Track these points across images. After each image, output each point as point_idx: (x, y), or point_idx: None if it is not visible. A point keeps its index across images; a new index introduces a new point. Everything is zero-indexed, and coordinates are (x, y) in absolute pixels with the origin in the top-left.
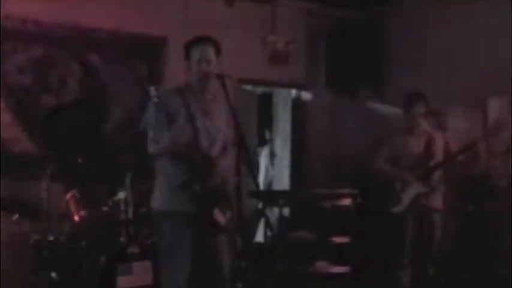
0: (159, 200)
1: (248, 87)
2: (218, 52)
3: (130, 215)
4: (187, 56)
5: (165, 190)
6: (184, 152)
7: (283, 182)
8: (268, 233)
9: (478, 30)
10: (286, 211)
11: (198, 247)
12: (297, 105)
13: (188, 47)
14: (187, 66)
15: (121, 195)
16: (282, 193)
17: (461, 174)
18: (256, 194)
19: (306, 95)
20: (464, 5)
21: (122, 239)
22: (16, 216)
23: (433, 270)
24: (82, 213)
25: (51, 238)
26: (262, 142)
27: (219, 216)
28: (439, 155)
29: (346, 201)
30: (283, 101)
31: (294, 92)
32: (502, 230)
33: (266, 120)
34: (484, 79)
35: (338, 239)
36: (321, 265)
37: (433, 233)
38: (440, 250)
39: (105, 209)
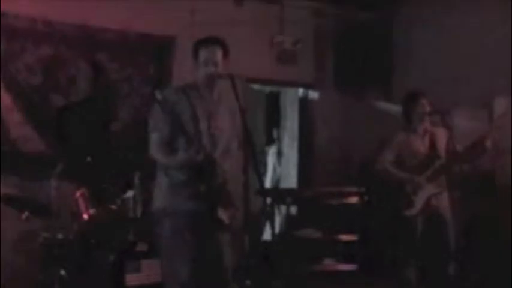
0: (160, 198)
1: (256, 87)
2: (226, 53)
3: (138, 213)
4: (195, 56)
5: (166, 188)
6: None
7: (290, 180)
8: (275, 231)
9: (483, 29)
10: (293, 209)
11: (200, 245)
12: (305, 104)
13: (196, 47)
14: (194, 66)
15: (129, 193)
16: (289, 191)
17: (468, 173)
18: (264, 192)
19: (313, 94)
20: (468, 4)
21: (131, 237)
22: (26, 214)
23: (452, 268)
24: (91, 211)
25: (60, 236)
26: (270, 141)
27: (222, 215)
28: (443, 154)
29: (353, 200)
30: (290, 100)
31: (301, 91)
32: (508, 229)
33: (274, 119)
34: (490, 78)
35: (345, 237)
36: (328, 263)
37: (445, 232)
38: (456, 248)
39: (114, 207)
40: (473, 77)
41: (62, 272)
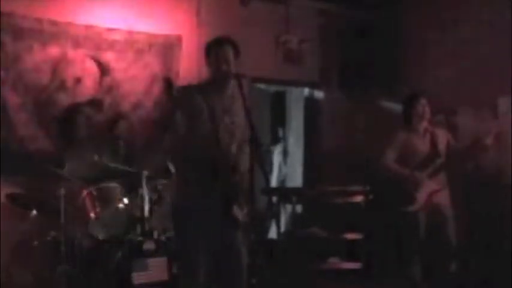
0: (178, 196)
1: (262, 86)
2: (237, 53)
3: (146, 211)
4: (207, 56)
5: (184, 186)
6: (205, 149)
7: (296, 179)
8: (281, 230)
9: (488, 29)
10: (299, 208)
11: (216, 243)
12: (310, 104)
13: (208, 47)
14: (207, 65)
15: (137, 192)
16: (295, 190)
17: (472, 171)
18: (270, 191)
19: (319, 94)
20: (473, 4)
21: (138, 236)
22: (33, 213)
23: (454, 266)
24: (98, 210)
25: (68, 235)
26: (276, 140)
27: (238, 212)
28: (443, 153)
29: (358, 198)
30: (296, 99)
31: (306, 90)
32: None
33: (279, 118)
34: (494, 77)
35: (350, 236)
36: (333, 261)
37: (447, 229)
38: (457, 246)
39: (121, 206)
40: (478, 76)
41: (70, 271)
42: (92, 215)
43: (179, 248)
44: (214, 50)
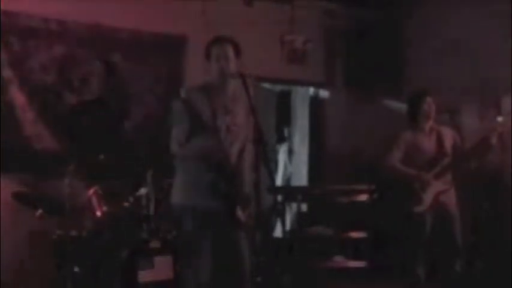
0: (180, 195)
1: (267, 85)
2: (238, 52)
3: (151, 210)
4: (208, 55)
5: (186, 186)
6: (207, 150)
7: (301, 178)
8: (286, 229)
9: (492, 29)
10: (304, 207)
11: (218, 243)
12: (315, 103)
13: (208, 46)
14: (207, 65)
15: (142, 191)
16: (300, 189)
17: (475, 171)
18: (275, 190)
19: (324, 93)
20: (479, 4)
21: (143, 234)
22: (39, 211)
23: (459, 265)
24: (104, 208)
25: (74, 233)
26: (281, 139)
27: (241, 214)
28: (449, 152)
29: (363, 197)
30: (301, 98)
31: (311, 90)
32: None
33: (284, 117)
34: (498, 77)
35: (355, 234)
36: (338, 260)
37: (452, 229)
38: (463, 245)
39: (126, 204)
40: (480, 75)
41: (76, 269)
42: (98, 213)
43: (182, 248)
44: (214, 49)
